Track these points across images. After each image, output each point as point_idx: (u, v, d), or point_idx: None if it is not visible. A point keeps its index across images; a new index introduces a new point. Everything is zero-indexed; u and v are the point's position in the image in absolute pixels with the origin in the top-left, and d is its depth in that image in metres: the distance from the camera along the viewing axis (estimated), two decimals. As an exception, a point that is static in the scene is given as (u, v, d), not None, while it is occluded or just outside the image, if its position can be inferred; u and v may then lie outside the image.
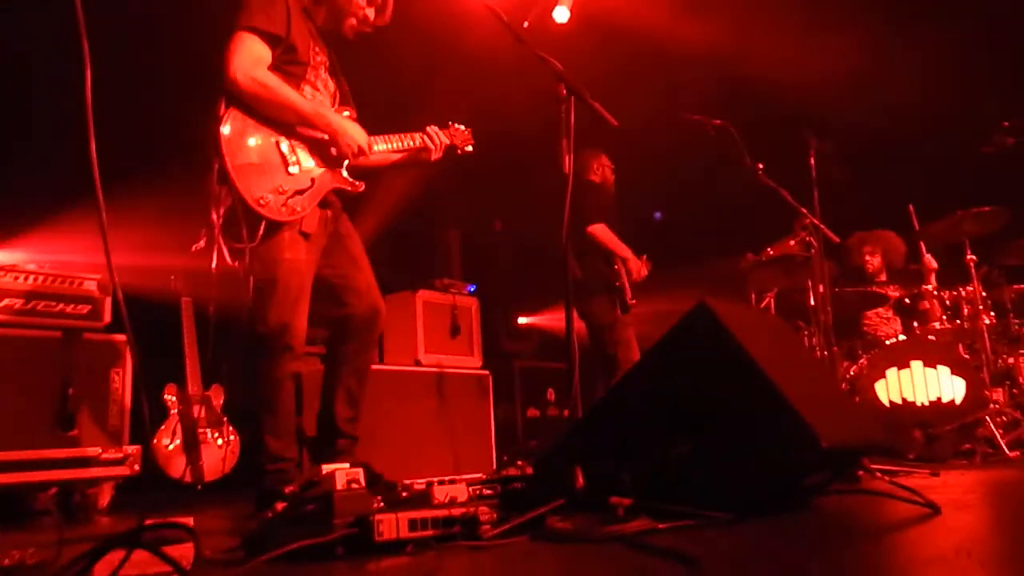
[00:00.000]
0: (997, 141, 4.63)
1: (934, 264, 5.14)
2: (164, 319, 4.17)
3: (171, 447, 3.86)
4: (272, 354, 2.62)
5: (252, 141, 2.60)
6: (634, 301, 4.72)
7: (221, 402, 4.14)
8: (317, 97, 2.85)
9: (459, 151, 3.14)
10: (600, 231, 4.68)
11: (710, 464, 2.11)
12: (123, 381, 3.56)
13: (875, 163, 6.05)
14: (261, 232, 2.56)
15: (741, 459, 2.08)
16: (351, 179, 2.87)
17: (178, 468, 3.83)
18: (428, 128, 3.05)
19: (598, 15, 5.78)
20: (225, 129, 2.54)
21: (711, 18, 5.84)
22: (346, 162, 2.83)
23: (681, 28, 5.93)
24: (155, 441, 3.81)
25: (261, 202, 2.55)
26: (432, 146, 3.03)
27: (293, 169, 2.67)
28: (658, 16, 5.97)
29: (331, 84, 2.93)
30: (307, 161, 2.73)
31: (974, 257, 4.61)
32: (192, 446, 3.91)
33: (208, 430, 4.00)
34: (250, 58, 2.60)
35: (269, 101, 2.62)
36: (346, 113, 2.92)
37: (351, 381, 2.88)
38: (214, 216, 2.56)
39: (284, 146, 2.67)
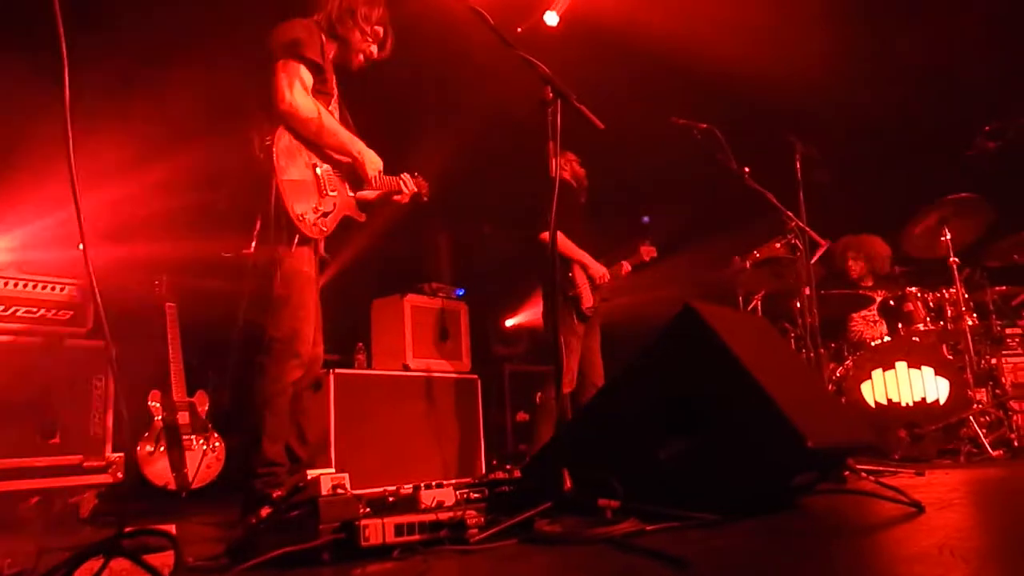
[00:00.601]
0: (979, 145, 4.68)
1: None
2: (149, 324, 4.14)
3: (155, 454, 3.82)
4: (281, 358, 2.76)
5: (298, 161, 2.83)
6: (592, 309, 4.58)
7: (206, 408, 4.11)
8: None
9: (421, 199, 3.45)
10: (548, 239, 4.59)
11: (698, 465, 2.11)
12: (106, 388, 3.52)
13: (860, 166, 6.09)
14: (295, 245, 2.76)
15: (729, 460, 2.09)
16: (358, 209, 3.12)
17: (162, 476, 3.80)
18: (403, 175, 3.33)
19: (585, 18, 5.80)
20: (278, 147, 2.74)
21: (695, 19, 5.87)
22: (358, 192, 3.10)
23: (667, 30, 5.96)
24: (138, 448, 3.78)
25: (300, 217, 2.76)
26: (405, 191, 3.32)
27: (325, 192, 2.90)
28: (644, 18, 6.00)
29: (337, 114, 3.09)
30: (333, 187, 2.95)
31: (957, 259, 4.65)
32: (176, 453, 3.88)
33: (193, 437, 3.96)
34: (302, 85, 2.80)
35: (319, 126, 2.85)
36: None
37: (301, 419, 2.95)
38: (258, 224, 2.72)
39: (320, 170, 2.91)
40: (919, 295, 4.86)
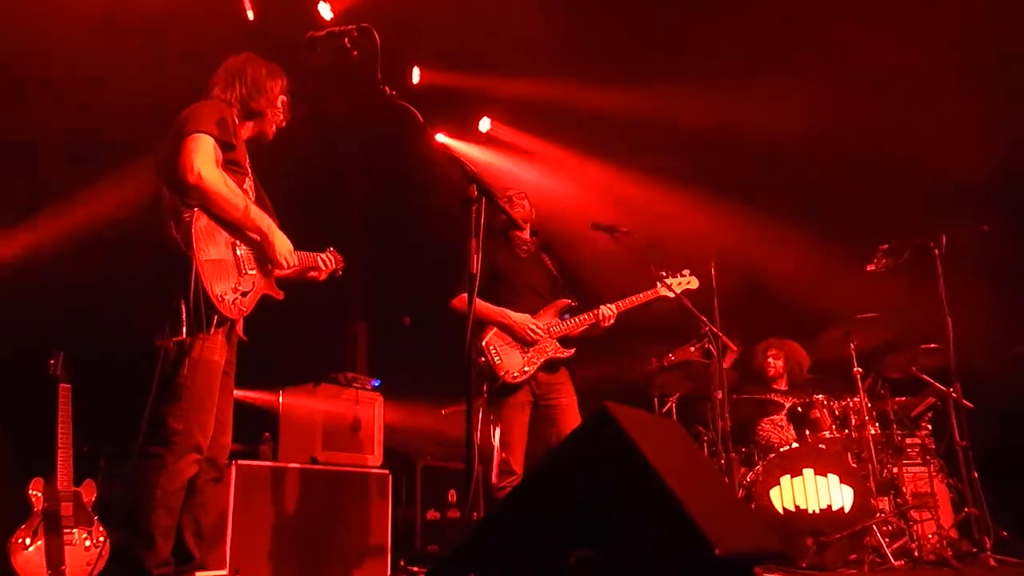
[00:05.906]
0: (878, 262, 4.97)
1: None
2: (40, 405, 3.87)
3: (30, 548, 3.50)
4: (181, 452, 2.64)
5: (217, 240, 2.77)
6: (519, 376, 3.95)
7: (93, 499, 3.82)
8: None
9: (337, 275, 3.43)
10: (461, 303, 3.91)
11: (608, 572, 2.07)
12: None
13: (769, 278, 6.34)
14: (212, 328, 2.67)
15: (638, 567, 2.06)
16: (276, 287, 3.06)
17: (36, 571, 3.47)
18: (324, 253, 3.32)
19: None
20: (197, 227, 2.67)
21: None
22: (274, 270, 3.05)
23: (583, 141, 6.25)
24: (13, 541, 3.46)
25: (220, 298, 2.69)
26: (323, 267, 3.30)
27: (244, 271, 2.85)
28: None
29: (252, 193, 3.07)
30: (251, 266, 2.90)
31: (860, 369, 4.86)
32: (55, 547, 3.57)
33: (75, 530, 3.67)
34: (208, 156, 2.75)
35: (226, 198, 2.76)
36: None
37: (199, 513, 2.82)
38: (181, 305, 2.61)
39: (239, 249, 2.86)
40: (825, 403, 5.03)
